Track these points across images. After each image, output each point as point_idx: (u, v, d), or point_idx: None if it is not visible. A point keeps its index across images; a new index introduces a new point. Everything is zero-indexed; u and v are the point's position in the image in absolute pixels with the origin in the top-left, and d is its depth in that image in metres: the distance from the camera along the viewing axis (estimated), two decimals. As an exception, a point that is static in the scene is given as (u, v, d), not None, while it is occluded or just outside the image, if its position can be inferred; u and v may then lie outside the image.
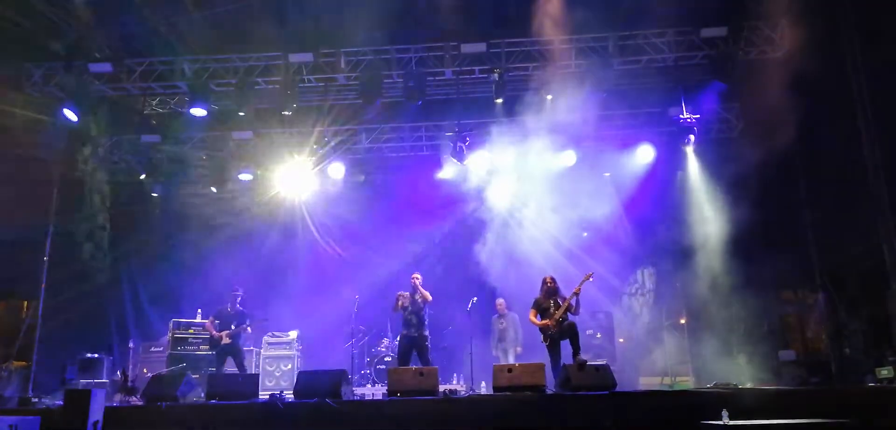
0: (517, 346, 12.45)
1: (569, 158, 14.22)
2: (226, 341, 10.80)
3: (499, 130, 14.05)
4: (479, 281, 13.37)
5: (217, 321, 10.97)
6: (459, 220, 14.98)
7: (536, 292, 10.16)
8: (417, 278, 10.67)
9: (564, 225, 14.30)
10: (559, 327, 9.60)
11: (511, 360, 11.98)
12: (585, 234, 14.23)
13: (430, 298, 10.53)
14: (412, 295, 10.53)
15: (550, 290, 9.92)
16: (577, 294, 9.59)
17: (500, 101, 12.99)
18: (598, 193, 14.64)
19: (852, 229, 11.04)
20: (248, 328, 11.20)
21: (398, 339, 10.83)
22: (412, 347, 10.32)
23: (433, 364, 9.95)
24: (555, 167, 14.25)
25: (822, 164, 11.90)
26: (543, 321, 9.70)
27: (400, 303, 10.55)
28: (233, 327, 11.01)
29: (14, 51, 12.28)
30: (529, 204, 14.57)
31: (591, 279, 9.84)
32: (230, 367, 11.27)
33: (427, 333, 10.47)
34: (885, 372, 9.75)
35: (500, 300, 12.76)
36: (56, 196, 12.94)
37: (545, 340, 9.73)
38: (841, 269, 11.88)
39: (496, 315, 12.65)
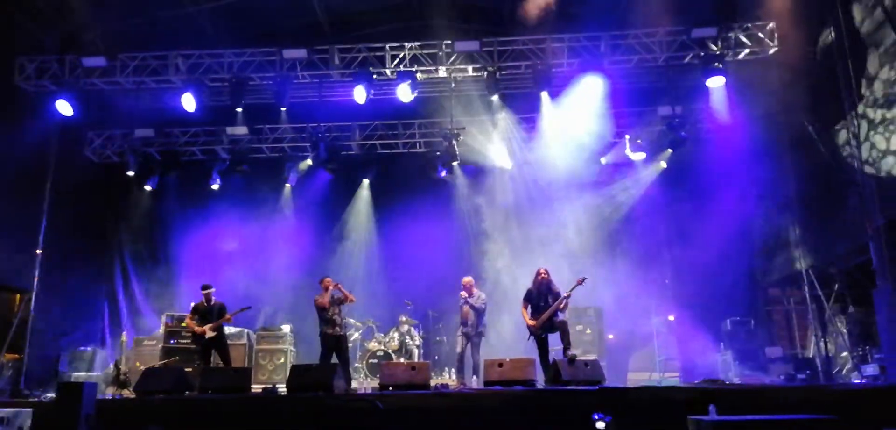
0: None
1: (563, 155, 14.31)
2: (210, 334, 10.66)
3: (493, 128, 14.15)
4: (478, 278, 13.38)
5: (196, 317, 10.83)
6: (456, 217, 15.07)
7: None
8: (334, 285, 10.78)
9: (559, 222, 14.40)
10: (541, 329, 9.65)
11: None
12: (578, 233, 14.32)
13: (343, 298, 10.63)
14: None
15: (543, 282, 9.78)
16: (567, 297, 9.57)
17: (495, 98, 13.08)
18: (590, 188, 14.78)
19: (839, 227, 11.16)
20: (230, 318, 10.99)
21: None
22: (334, 345, 10.46)
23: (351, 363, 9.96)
24: (549, 165, 14.34)
25: (810, 162, 12.03)
26: (530, 323, 9.71)
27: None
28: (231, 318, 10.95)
29: (7, 43, 12.28)
30: (524, 201, 14.69)
31: (582, 284, 9.66)
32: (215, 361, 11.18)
33: (343, 332, 10.68)
34: (870, 370, 9.90)
35: (467, 278, 11.40)
36: (49, 189, 12.90)
37: (528, 338, 9.80)
38: (827, 267, 12.02)
39: (466, 295, 11.09)
